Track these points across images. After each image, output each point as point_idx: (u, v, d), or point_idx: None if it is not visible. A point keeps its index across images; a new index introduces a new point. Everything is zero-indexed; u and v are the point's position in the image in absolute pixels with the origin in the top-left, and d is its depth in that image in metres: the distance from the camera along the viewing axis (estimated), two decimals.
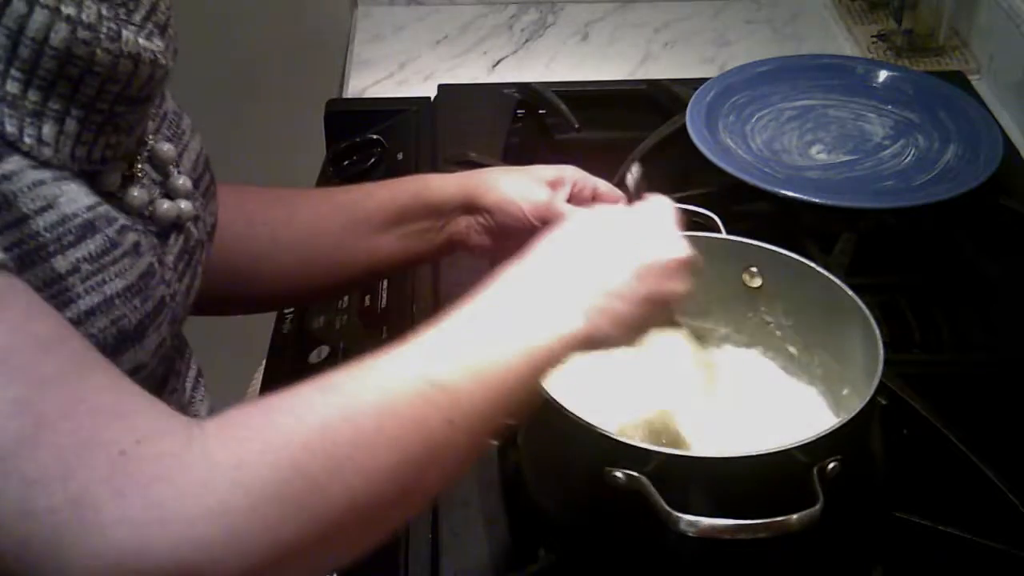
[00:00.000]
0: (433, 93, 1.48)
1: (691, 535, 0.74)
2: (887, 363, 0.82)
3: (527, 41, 1.66)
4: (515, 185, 0.96)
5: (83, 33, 0.64)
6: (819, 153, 1.32)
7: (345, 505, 0.60)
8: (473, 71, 1.59)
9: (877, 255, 1.16)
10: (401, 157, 1.36)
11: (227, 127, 1.76)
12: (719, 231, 0.95)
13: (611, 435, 0.78)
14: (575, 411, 0.80)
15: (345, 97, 1.55)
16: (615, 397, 0.91)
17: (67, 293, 0.64)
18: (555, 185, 0.96)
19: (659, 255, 0.76)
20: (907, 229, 1.20)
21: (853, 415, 0.79)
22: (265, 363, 1.21)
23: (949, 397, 0.99)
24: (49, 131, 0.64)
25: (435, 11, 1.73)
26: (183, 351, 0.81)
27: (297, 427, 0.60)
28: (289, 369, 1.14)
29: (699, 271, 0.79)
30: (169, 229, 0.76)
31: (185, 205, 0.76)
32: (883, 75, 1.41)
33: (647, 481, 0.76)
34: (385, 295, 1.16)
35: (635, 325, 0.75)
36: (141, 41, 0.68)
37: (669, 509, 0.74)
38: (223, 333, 1.19)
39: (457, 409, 0.65)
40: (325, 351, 1.13)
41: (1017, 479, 0.92)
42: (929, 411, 0.97)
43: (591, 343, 0.72)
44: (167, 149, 0.77)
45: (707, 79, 1.38)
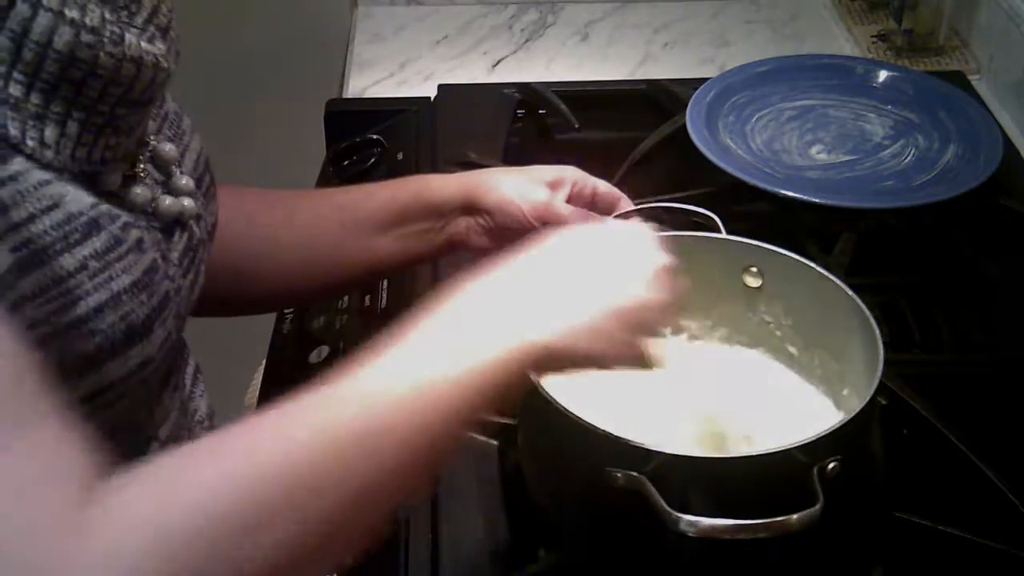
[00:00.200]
0: (433, 93, 1.48)
1: (691, 535, 0.73)
2: (887, 363, 0.82)
3: (527, 41, 1.66)
4: (515, 185, 0.96)
5: (87, 37, 0.64)
6: (819, 153, 1.32)
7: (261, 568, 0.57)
8: (473, 71, 1.59)
9: (877, 255, 1.16)
10: (401, 157, 1.36)
11: (227, 127, 1.76)
12: (719, 231, 0.95)
13: (611, 435, 0.78)
14: (575, 411, 0.80)
15: (345, 97, 1.55)
16: (615, 397, 0.91)
17: (76, 291, 0.64)
18: (555, 185, 0.96)
19: (637, 273, 0.75)
20: (907, 229, 1.20)
21: (853, 415, 0.79)
22: (265, 363, 1.21)
23: (949, 397, 0.99)
24: (51, 133, 0.64)
25: (435, 11, 1.73)
26: (182, 348, 0.82)
27: (212, 502, 0.56)
28: (289, 369, 1.14)
29: (684, 293, 0.77)
30: (173, 226, 0.76)
31: (188, 202, 0.77)
32: (883, 75, 1.41)
33: (647, 481, 0.75)
34: (385, 295, 1.16)
35: (608, 340, 0.73)
36: (143, 44, 0.68)
37: (669, 509, 0.74)
38: (223, 333, 1.19)
39: (390, 453, 0.63)
40: (325, 351, 1.13)
41: (1017, 479, 0.92)
42: (929, 411, 0.97)
43: (559, 355, 0.71)
44: (169, 149, 0.77)
45: (707, 79, 1.38)
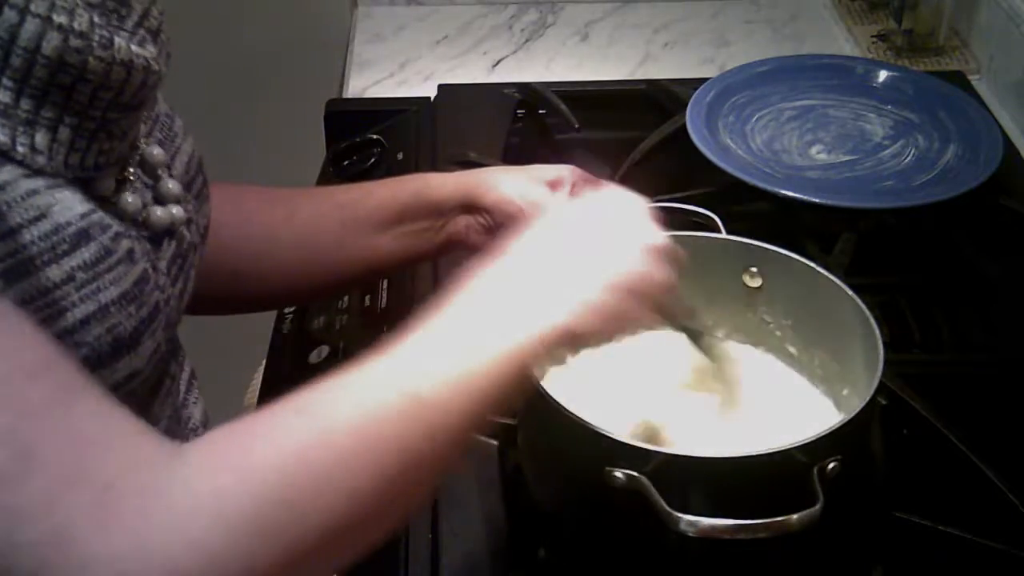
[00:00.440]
0: (433, 93, 1.48)
1: (691, 535, 0.73)
2: (887, 363, 0.82)
3: (527, 41, 1.66)
4: (514, 185, 0.96)
5: (75, 41, 0.64)
6: (819, 153, 1.32)
7: (324, 529, 0.59)
8: (473, 71, 1.59)
9: (877, 255, 1.16)
10: (401, 157, 1.36)
11: (227, 127, 1.76)
12: (719, 231, 0.95)
13: (611, 435, 0.78)
14: (575, 411, 0.80)
15: (345, 97, 1.55)
16: (615, 397, 0.91)
17: (61, 302, 0.63)
18: (555, 185, 0.96)
19: (636, 244, 0.75)
20: (907, 229, 1.20)
21: (853, 415, 0.79)
22: (265, 363, 1.21)
23: (949, 397, 0.99)
24: (42, 139, 0.64)
25: (435, 11, 1.73)
26: (176, 353, 0.81)
27: (275, 454, 0.59)
28: (289, 369, 1.14)
29: (685, 267, 0.77)
30: (162, 235, 0.75)
31: (177, 211, 0.76)
32: (883, 75, 1.41)
33: (647, 481, 0.75)
34: (385, 295, 1.16)
35: (618, 315, 0.73)
36: (134, 48, 0.68)
37: (669, 509, 0.74)
38: (223, 333, 1.19)
39: (438, 423, 0.64)
40: (325, 351, 1.13)
41: (1017, 479, 0.92)
42: (929, 411, 0.97)
43: (574, 337, 0.71)
44: (157, 153, 0.76)
45: (707, 79, 1.38)
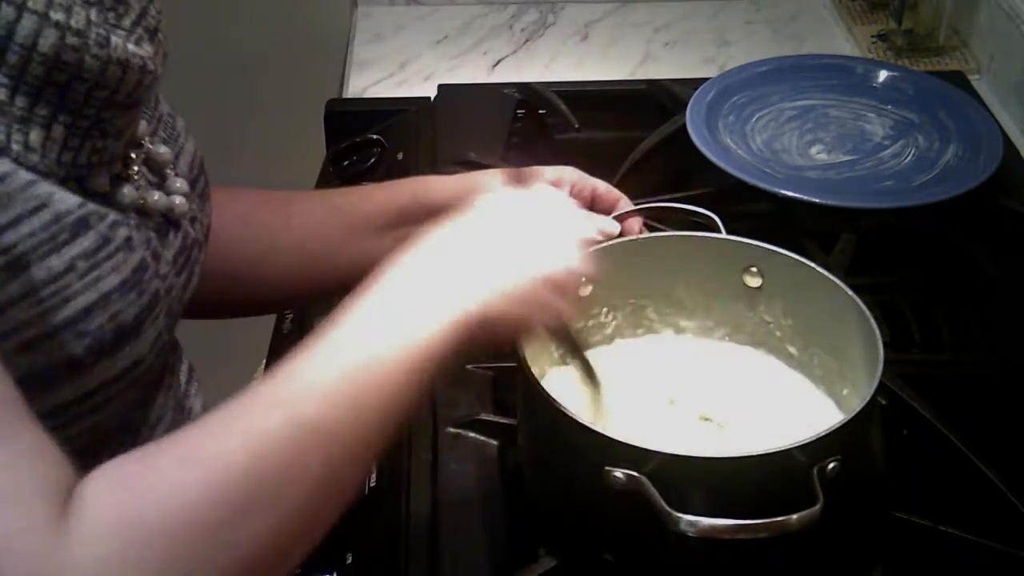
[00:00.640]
0: (433, 93, 1.48)
1: (691, 535, 0.73)
2: (887, 363, 0.82)
3: (527, 41, 1.66)
4: (513, 187, 0.96)
5: (72, 39, 0.64)
6: (819, 153, 1.32)
7: (230, 570, 0.58)
8: (473, 71, 1.59)
9: (877, 255, 1.16)
10: (401, 157, 1.35)
11: (227, 127, 1.76)
12: (719, 231, 0.95)
13: (611, 435, 0.78)
14: (575, 411, 0.80)
15: (345, 97, 1.54)
16: (615, 397, 0.91)
17: (65, 291, 0.64)
18: (554, 186, 0.96)
19: (554, 237, 0.76)
20: (907, 229, 1.20)
21: (853, 415, 0.79)
22: (264, 363, 1.21)
23: (949, 397, 0.99)
24: (36, 137, 0.64)
25: (435, 11, 1.73)
26: (176, 348, 0.82)
27: (159, 518, 0.57)
28: None
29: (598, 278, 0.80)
30: (167, 226, 0.76)
31: (179, 200, 0.76)
32: (883, 75, 1.40)
33: (647, 481, 0.75)
34: None
35: (532, 302, 0.73)
36: (130, 47, 0.68)
37: (669, 509, 0.74)
38: (223, 334, 1.19)
39: (335, 449, 0.63)
40: None
41: (1017, 479, 0.92)
42: (929, 411, 0.97)
43: (488, 325, 0.70)
44: (164, 152, 0.77)
45: (707, 79, 1.38)
